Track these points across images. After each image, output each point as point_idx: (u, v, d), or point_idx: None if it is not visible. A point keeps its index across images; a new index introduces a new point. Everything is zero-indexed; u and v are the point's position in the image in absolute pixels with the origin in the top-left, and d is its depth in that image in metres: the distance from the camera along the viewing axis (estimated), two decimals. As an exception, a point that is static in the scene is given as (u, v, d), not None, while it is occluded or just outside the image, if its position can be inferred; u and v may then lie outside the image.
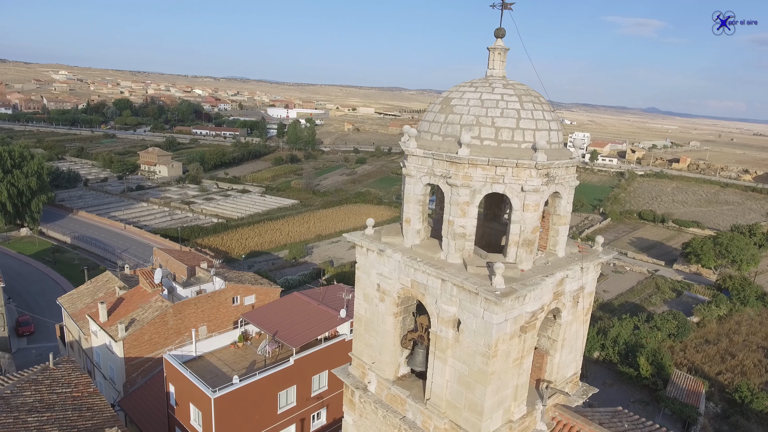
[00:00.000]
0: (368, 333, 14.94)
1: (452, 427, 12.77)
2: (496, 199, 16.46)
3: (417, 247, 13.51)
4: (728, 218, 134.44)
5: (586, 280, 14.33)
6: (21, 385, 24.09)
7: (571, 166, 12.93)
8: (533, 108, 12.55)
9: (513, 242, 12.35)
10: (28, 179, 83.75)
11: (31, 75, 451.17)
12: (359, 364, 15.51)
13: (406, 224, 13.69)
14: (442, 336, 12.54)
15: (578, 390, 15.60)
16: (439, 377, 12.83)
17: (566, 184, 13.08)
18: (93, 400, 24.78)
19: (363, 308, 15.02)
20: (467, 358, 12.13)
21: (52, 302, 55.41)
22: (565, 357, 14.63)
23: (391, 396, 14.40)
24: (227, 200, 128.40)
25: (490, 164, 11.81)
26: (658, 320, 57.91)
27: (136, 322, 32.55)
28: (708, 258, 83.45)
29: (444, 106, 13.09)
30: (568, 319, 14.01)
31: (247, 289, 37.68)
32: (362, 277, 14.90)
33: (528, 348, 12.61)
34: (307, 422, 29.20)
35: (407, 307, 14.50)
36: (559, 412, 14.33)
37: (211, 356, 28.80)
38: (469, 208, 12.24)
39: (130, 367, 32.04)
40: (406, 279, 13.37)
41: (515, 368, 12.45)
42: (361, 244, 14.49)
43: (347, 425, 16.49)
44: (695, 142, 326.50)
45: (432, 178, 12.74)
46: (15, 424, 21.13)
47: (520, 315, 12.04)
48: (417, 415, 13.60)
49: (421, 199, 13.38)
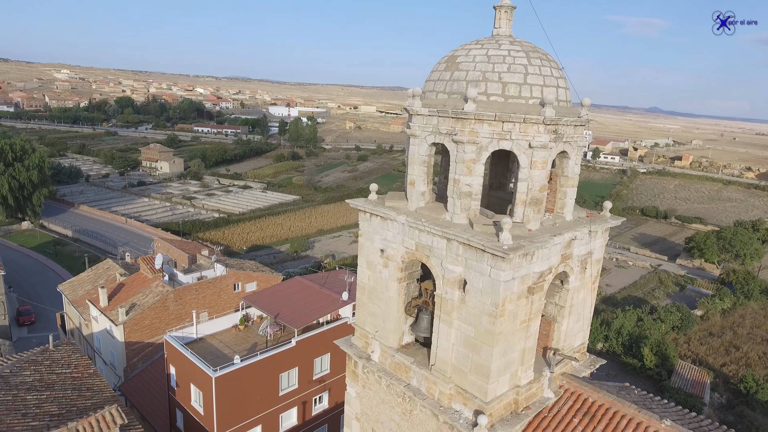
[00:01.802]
0: (371, 301, 14.67)
1: (458, 391, 12.50)
2: (501, 167, 16.20)
3: (422, 209, 13.24)
4: (731, 215, 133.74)
5: (594, 246, 14.04)
6: (20, 365, 23.87)
7: (579, 126, 12.65)
8: (541, 64, 12.26)
9: (520, 201, 12.07)
10: (29, 172, 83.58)
11: (33, 74, 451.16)
12: (362, 334, 15.23)
13: (411, 187, 13.41)
14: (448, 298, 12.27)
15: (586, 361, 15.33)
16: (445, 341, 12.56)
17: (574, 144, 12.79)
18: (93, 381, 24.53)
19: (366, 276, 14.75)
20: (473, 319, 11.86)
21: (53, 293, 55.27)
22: (573, 325, 14.34)
23: (395, 364, 14.13)
24: (228, 196, 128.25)
25: (497, 120, 11.53)
26: (661, 312, 57.51)
27: (136, 306, 32.30)
28: (711, 252, 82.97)
29: (449, 63, 12.81)
30: (576, 285, 13.72)
31: (248, 276, 37.42)
32: (365, 245, 14.63)
33: (535, 311, 12.32)
34: (309, 405, 28.91)
35: (411, 273, 14.22)
36: (566, 381, 14.04)
37: (212, 338, 28.52)
38: (475, 165, 11.96)
39: (130, 351, 31.79)
40: (411, 242, 13.09)
41: (522, 331, 12.17)
42: (364, 209, 14.21)
43: (350, 398, 16.21)
44: (698, 141, 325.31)
45: (437, 137, 12.45)
46: (14, 401, 20.90)
47: (528, 275, 11.76)
48: (422, 381, 13.33)
49: (425, 160, 13.10)
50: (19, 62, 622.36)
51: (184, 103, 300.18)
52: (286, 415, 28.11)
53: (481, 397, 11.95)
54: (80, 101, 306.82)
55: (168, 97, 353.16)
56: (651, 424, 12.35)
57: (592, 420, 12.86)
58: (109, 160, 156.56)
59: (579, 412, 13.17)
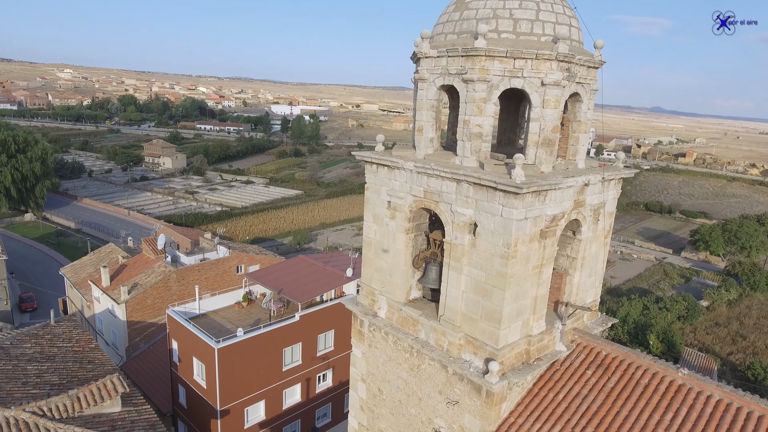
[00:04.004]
0: (378, 256, 14.34)
1: (468, 341, 12.16)
2: (510, 122, 15.86)
3: (430, 156, 12.91)
4: (736, 210, 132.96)
5: (607, 197, 13.70)
6: (21, 338, 23.63)
7: (592, 67, 12.31)
8: (553, 2, 11.90)
9: (532, 142, 11.71)
10: (32, 164, 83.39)
11: (36, 74, 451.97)
12: (368, 292, 14.90)
13: (419, 134, 13.07)
14: (458, 243, 11.92)
15: (597, 319, 14.97)
16: (454, 289, 12.21)
17: (587, 87, 12.44)
18: (94, 354, 24.27)
19: (373, 231, 14.42)
20: (484, 263, 11.51)
21: (56, 282, 55.15)
22: (585, 279, 13.98)
23: (403, 319, 13.79)
24: (231, 190, 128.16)
25: (508, 56, 11.17)
26: (667, 301, 57.06)
27: (138, 286, 32.02)
28: (717, 245, 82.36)
29: (459, 4, 12.46)
30: (589, 236, 13.36)
31: (251, 258, 37.12)
32: (372, 198, 14.30)
33: (548, 256, 11.97)
34: (312, 383, 28.58)
35: (419, 224, 13.89)
36: (578, 336, 13.69)
37: (215, 315, 28.21)
38: (486, 105, 11.60)
39: (132, 331, 31.51)
40: (419, 189, 12.76)
41: (534, 277, 11.82)
42: (371, 160, 13.89)
43: (356, 359, 15.89)
44: (701, 139, 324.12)
45: (446, 79, 12.10)
46: (14, 371, 20.63)
47: (541, 216, 11.41)
48: (430, 333, 12.99)
49: (434, 104, 12.75)
50: (22, 63, 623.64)
51: (187, 102, 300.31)
52: (290, 391, 27.78)
53: (492, 344, 11.61)
54: (83, 100, 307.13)
55: (171, 95, 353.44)
56: (667, 374, 12.00)
57: (606, 372, 12.51)
58: (112, 156, 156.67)
59: (592, 365, 12.82)
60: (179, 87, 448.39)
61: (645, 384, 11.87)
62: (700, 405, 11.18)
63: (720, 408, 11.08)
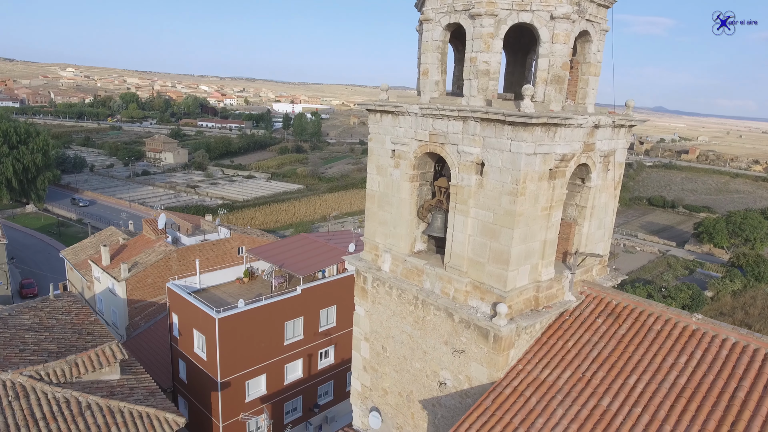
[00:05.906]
0: (382, 209, 14.01)
1: (475, 286, 11.82)
2: (517, 75, 15.48)
3: (435, 99, 12.57)
4: (739, 206, 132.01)
5: (617, 144, 13.37)
6: (20, 310, 23.37)
7: (602, 6, 11.96)
8: (563, -65, 11.54)
9: (541, 80, 11.35)
10: (33, 155, 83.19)
11: (39, 72, 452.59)
12: (372, 247, 14.58)
13: (424, 77, 12.74)
14: (464, 185, 11.59)
15: (606, 275, 14.61)
16: (461, 234, 11.88)
17: (597, 27, 12.10)
18: (94, 327, 23.98)
19: (376, 182, 14.10)
20: (492, 202, 11.18)
21: (56, 269, 54.96)
22: (594, 231, 13.64)
23: (407, 270, 13.47)
24: (233, 185, 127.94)
25: (517, -12, 10.83)
26: (672, 290, 56.63)
27: (139, 264, 31.75)
28: (721, 237, 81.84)
29: (465, -59, 12.11)
30: (598, 183, 13.02)
31: (252, 240, 36.81)
32: (375, 148, 13.99)
33: (557, 198, 11.63)
34: (314, 359, 28.26)
35: (424, 173, 13.56)
36: (588, 287, 13.35)
37: (216, 289, 27.90)
38: (493, 41, 11.26)
39: (132, 310, 31.23)
40: (424, 132, 12.44)
41: (543, 218, 11.47)
42: (375, 108, 13.58)
43: (359, 318, 15.56)
44: (704, 137, 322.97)
45: (452, 17, 11.76)
46: (12, 339, 20.36)
47: (550, 154, 11.07)
48: (435, 282, 12.66)
49: (439, 45, 12.41)
50: (25, 62, 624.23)
51: (189, 100, 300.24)
52: (291, 366, 27.45)
53: (500, 287, 11.28)
54: (85, 98, 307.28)
55: (172, 94, 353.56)
56: (681, 320, 11.64)
57: (617, 320, 12.16)
58: (114, 151, 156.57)
59: (603, 314, 12.48)
60: (181, 86, 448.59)
61: (657, 330, 11.52)
62: (715, 348, 10.84)
63: (736, 350, 10.75)
